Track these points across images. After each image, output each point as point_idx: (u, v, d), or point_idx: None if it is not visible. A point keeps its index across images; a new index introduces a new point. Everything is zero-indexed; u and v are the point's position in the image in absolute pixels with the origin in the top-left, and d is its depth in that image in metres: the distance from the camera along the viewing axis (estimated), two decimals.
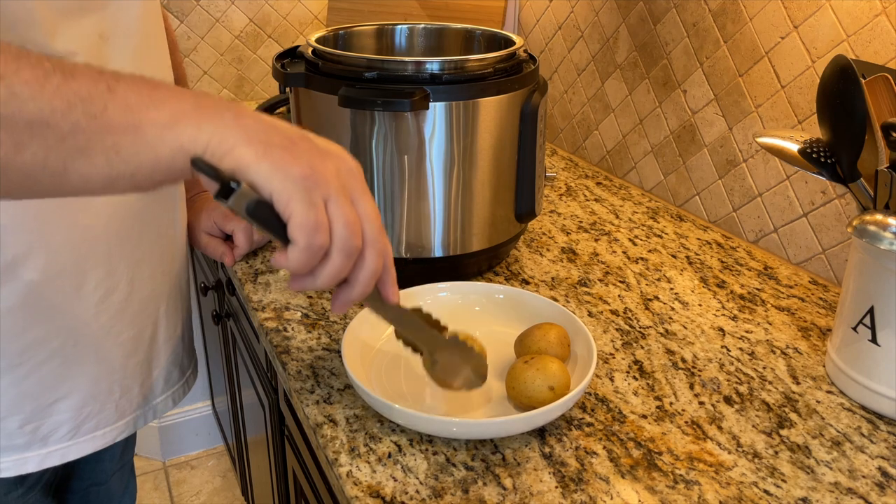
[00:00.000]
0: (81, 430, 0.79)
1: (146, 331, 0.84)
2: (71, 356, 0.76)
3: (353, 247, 0.53)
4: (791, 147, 0.80)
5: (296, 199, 0.50)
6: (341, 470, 0.65)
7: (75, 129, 0.46)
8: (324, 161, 0.52)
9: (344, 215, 0.52)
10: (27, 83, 0.45)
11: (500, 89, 0.85)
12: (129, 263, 0.79)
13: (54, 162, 0.46)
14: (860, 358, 0.74)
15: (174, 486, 1.91)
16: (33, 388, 0.75)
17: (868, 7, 0.88)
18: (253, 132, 0.50)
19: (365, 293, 0.57)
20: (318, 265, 0.53)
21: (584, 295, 0.94)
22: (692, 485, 0.64)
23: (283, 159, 0.50)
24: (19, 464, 0.76)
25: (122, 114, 0.47)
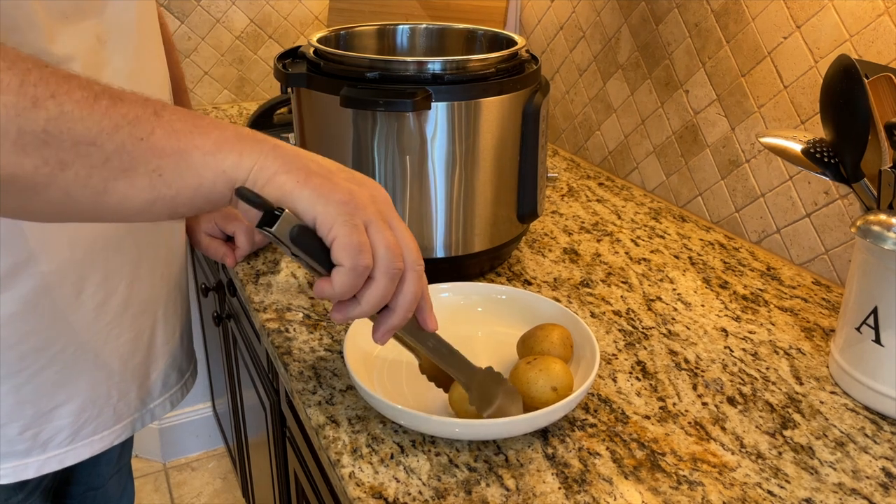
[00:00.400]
0: (80, 434, 0.79)
1: (144, 334, 0.84)
2: (70, 362, 0.76)
3: (396, 268, 0.54)
4: (794, 147, 0.80)
5: (339, 223, 0.51)
6: (344, 471, 0.65)
7: (120, 151, 0.47)
8: (360, 188, 0.54)
9: (385, 238, 0.54)
10: (77, 103, 0.45)
11: (502, 89, 0.85)
12: (128, 267, 0.79)
13: (96, 182, 0.47)
14: (864, 358, 0.74)
15: (174, 488, 1.90)
16: (33, 394, 0.74)
17: (871, 7, 0.88)
18: (292, 161, 0.52)
19: (406, 318, 0.57)
20: (362, 290, 0.54)
21: (587, 296, 0.94)
22: (696, 486, 0.64)
23: (324, 186, 0.52)
24: (19, 470, 0.76)
25: (167, 138, 0.48)
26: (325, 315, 0.88)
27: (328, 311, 0.88)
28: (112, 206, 0.49)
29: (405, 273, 0.55)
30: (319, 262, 0.52)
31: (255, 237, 0.99)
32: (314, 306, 0.89)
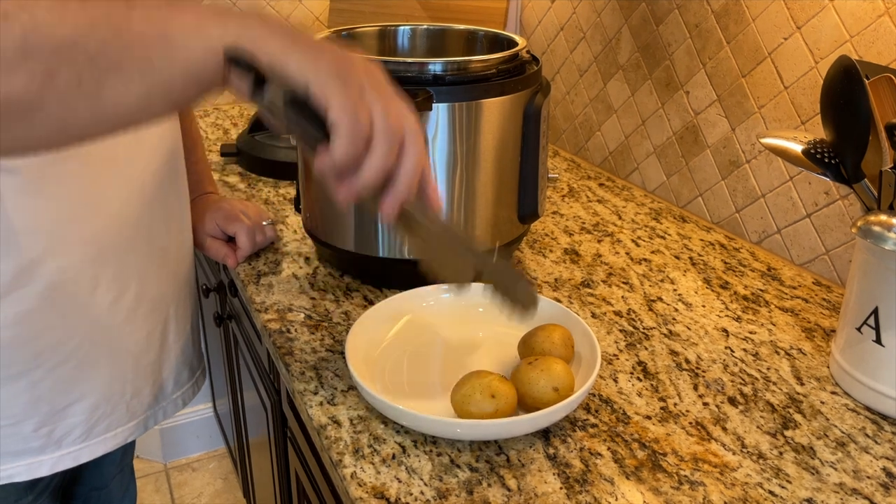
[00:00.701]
0: (94, 431, 0.79)
1: (156, 331, 0.84)
2: (85, 359, 0.76)
3: (396, 132, 0.51)
4: (795, 148, 0.80)
5: (332, 85, 0.49)
6: (346, 471, 0.65)
7: (104, 47, 0.45)
8: (350, 56, 0.52)
9: (381, 100, 0.51)
10: (48, 10, 0.44)
11: (502, 90, 0.85)
12: (139, 265, 0.80)
13: (88, 84, 0.45)
14: (864, 359, 0.74)
15: (175, 489, 1.91)
16: (48, 391, 0.75)
17: (871, 8, 0.88)
18: (278, 29, 0.50)
19: (411, 190, 0.54)
20: (364, 158, 0.51)
21: (588, 296, 0.94)
22: (697, 486, 0.64)
23: (312, 51, 0.49)
24: (33, 467, 0.76)
25: (146, 25, 0.47)
26: (326, 315, 0.88)
27: (330, 312, 0.88)
28: (110, 108, 0.47)
29: (405, 139, 0.52)
30: (315, 130, 0.49)
31: (256, 237, 0.99)
32: (315, 307, 0.90)
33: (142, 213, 0.78)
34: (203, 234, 0.98)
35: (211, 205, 0.99)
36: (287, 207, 1.17)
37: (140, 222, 0.78)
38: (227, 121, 1.64)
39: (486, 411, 0.66)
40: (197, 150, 1.03)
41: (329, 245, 0.94)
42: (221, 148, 1.35)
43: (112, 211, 0.75)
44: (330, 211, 0.92)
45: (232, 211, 0.98)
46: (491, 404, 0.66)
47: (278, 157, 1.28)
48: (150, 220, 0.80)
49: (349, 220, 0.90)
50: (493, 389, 0.67)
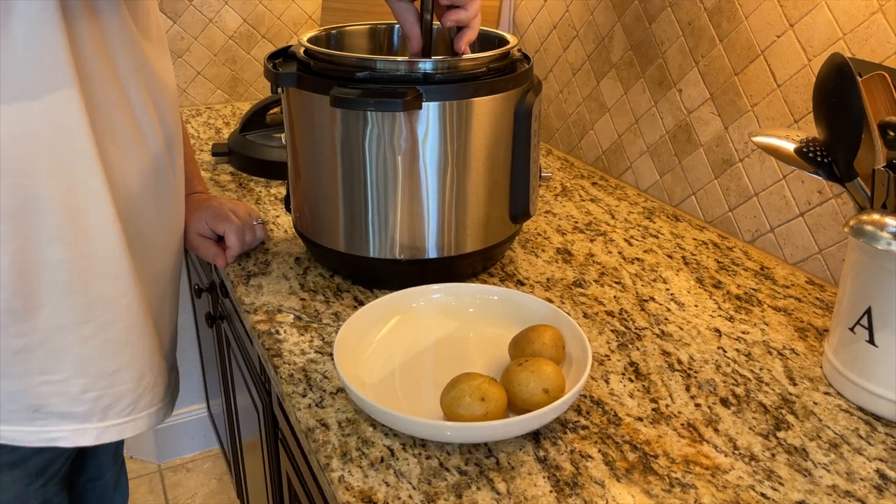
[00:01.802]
0: (139, 405, 0.79)
1: (167, 326, 0.88)
2: (134, 323, 0.75)
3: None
4: (787, 146, 0.79)
5: None
6: (333, 475, 0.64)
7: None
8: None
9: None
10: None
11: (493, 89, 0.84)
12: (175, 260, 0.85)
13: None
14: (858, 359, 0.74)
15: (169, 489, 1.90)
16: (97, 351, 0.73)
17: (864, 5, 0.88)
18: None
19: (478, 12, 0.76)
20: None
21: (580, 296, 0.94)
22: (688, 488, 0.63)
23: None
24: (78, 434, 0.75)
25: None
26: (316, 317, 0.87)
27: (320, 313, 0.87)
28: None
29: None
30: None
31: (245, 237, 0.98)
32: (305, 308, 0.89)
33: (133, 218, 0.79)
34: (193, 234, 0.97)
35: (200, 204, 0.98)
36: (278, 207, 1.16)
37: (129, 224, 0.78)
38: (220, 120, 1.63)
39: (475, 414, 0.65)
40: (185, 148, 1.02)
41: (319, 245, 0.93)
42: (213, 147, 1.34)
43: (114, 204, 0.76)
44: (320, 211, 0.91)
45: (222, 210, 0.97)
46: (481, 407, 0.65)
47: (269, 156, 1.27)
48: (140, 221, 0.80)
49: (339, 221, 0.89)
50: (482, 392, 0.66)
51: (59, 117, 0.67)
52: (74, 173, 0.69)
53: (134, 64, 0.75)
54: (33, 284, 0.70)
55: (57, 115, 0.67)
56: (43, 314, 0.71)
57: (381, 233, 0.88)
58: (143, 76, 0.77)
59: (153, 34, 0.80)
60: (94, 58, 0.70)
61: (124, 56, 0.74)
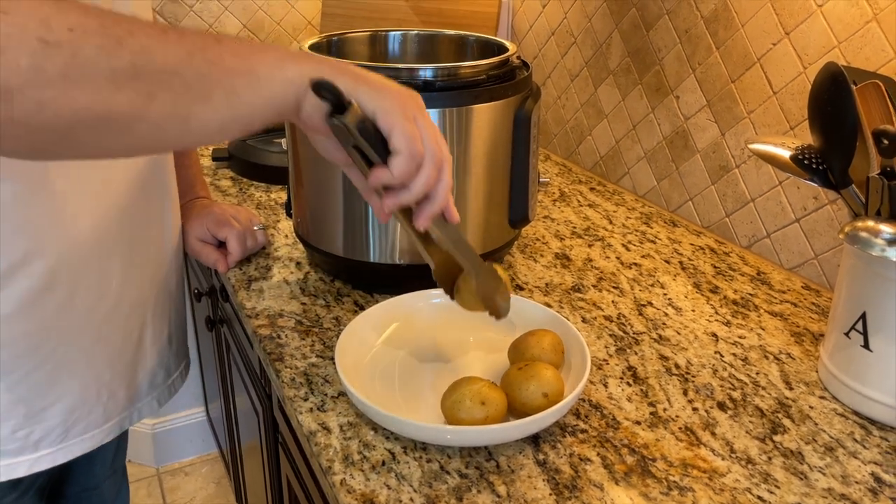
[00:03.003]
0: (70, 433, 0.79)
1: (133, 334, 0.84)
2: (62, 361, 0.76)
3: (441, 158, 0.61)
4: (783, 154, 0.80)
5: (396, 114, 0.58)
6: (335, 478, 0.65)
7: (198, 76, 0.51)
8: (404, 90, 0.61)
9: (430, 131, 0.60)
10: (152, 38, 0.49)
11: (493, 96, 0.85)
12: (120, 268, 0.80)
13: (181, 107, 0.51)
14: (853, 363, 0.75)
15: (168, 493, 1.90)
16: (26, 393, 0.75)
17: (859, 13, 0.89)
18: (346, 69, 0.59)
19: (444, 204, 0.63)
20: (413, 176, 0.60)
21: (578, 301, 0.95)
22: (686, 491, 0.64)
23: (377, 84, 0.59)
24: (10, 469, 0.76)
25: (234, 59, 0.53)
26: (317, 321, 0.88)
27: (321, 317, 0.88)
28: (196, 129, 0.53)
29: (442, 164, 0.62)
30: (377, 150, 0.59)
31: (247, 242, 0.99)
32: (306, 312, 0.90)
33: (122, 219, 0.79)
34: (193, 239, 0.98)
35: (202, 209, 0.99)
36: (278, 212, 1.17)
37: (121, 228, 0.79)
38: None
39: (476, 418, 0.66)
40: (189, 154, 1.03)
41: (320, 250, 0.94)
42: (213, 152, 1.35)
43: (95, 214, 0.75)
44: (321, 216, 0.92)
45: (223, 215, 0.98)
46: (481, 411, 0.66)
47: (270, 161, 1.28)
48: (130, 226, 0.80)
49: (340, 225, 0.90)
50: (483, 396, 0.67)
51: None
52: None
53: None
54: None
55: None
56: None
57: (382, 238, 0.88)
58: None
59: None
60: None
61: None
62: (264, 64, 0.55)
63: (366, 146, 0.58)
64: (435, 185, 0.62)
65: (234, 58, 0.53)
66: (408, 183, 0.60)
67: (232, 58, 0.53)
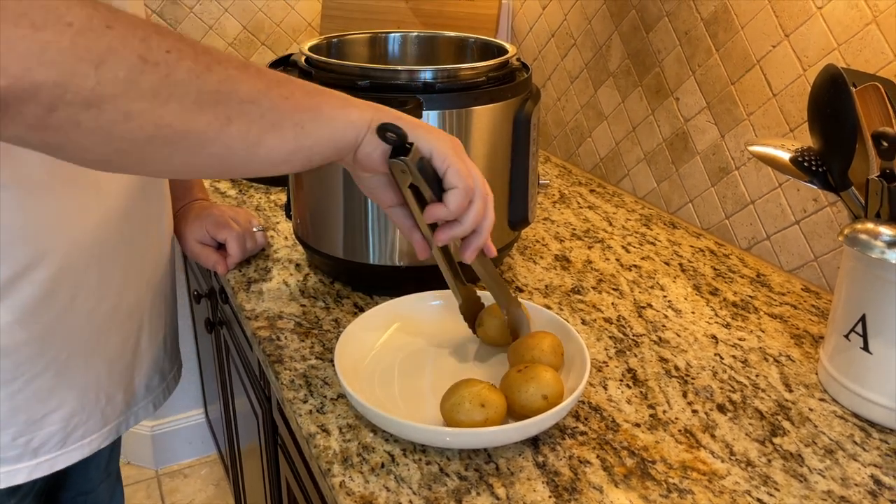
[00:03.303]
0: (70, 439, 0.79)
1: (131, 338, 0.84)
2: (62, 368, 0.76)
3: (487, 196, 0.67)
4: (782, 156, 0.80)
5: (450, 154, 0.64)
6: (334, 480, 0.65)
7: (273, 108, 0.55)
8: (447, 134, 0.67)
9: (475, 168, 0.66)
10: (237, 69, 0.53)
11: (492, 98, 0.85)
12: (119, 273, 0.80)
13: (253, 135, 0.55)
14: (852, 366, 0.75)
15: (167, 495, 1.90)
16: (26, 401, 0.75)
17: (859, 16, 0.89)
18: (396, 114, 0.64)
19: (486, 240, 0.69)
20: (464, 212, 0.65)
21: (578, 303, 0.95)
22: (686, 493, 0.64)
23: (429, 128, 0.65)
24: (10, 475, 0.76)
25: (305, 98, 0.58)
26: (316, 323, 0.88)
27: (320, 319, 0.88)
28: (261, 157, 0.56)
29: (488, 201, 0.67)
30: (432, 187, 0.64)
31: (246, 245, 0.99)
32: (305, 314, 0.89)
33: (122, 221, 0.79)
34: (193, 241, 0.98)
35: (201, 211, 0.99)
36: (278, 214, 1.17)
37: (121, 230, 0.79)
38: None
39: (475, 420, 0.66)
40: None
41: (319, 252, 0.94)
42: None
43: (94, 219, 0.75)
44: (320, 218, 0.92)
45: (222, 217, 0.98)
46: (481, 413, 0.66)
47: None
48: (130, 228, 0.80)
49: (339, 227, 0.90)
50: (482, 398, 0.67)
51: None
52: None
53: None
54: None
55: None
56: None
57: (381, 239, 0.88)
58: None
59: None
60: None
61: None
62: (330, 105, 0.60)
63: (423, 184, 0.63)
64: (482, 220, 0.67)
65: (305, 96, 0.58)
66: (460, 217, 0.66)
67: (302, 96, 0.58)
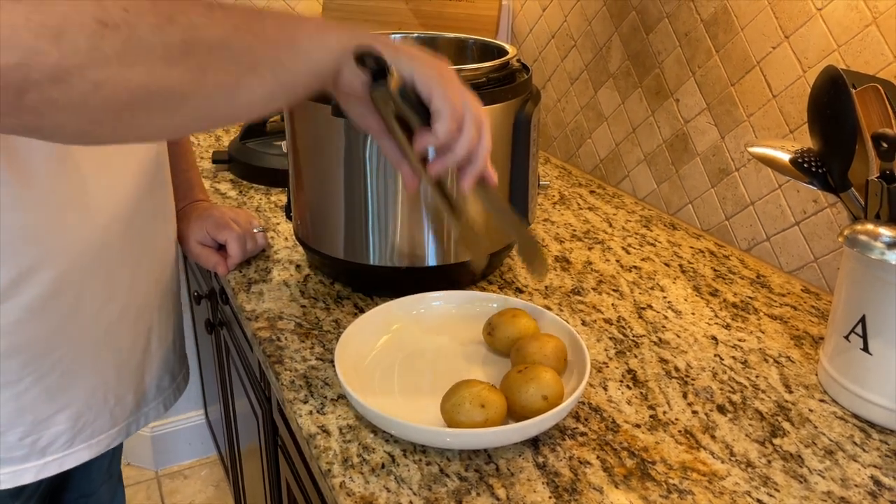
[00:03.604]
0: (77, 439, 0.79)
1: (140, 339, 0.84)
2: (69, 368, 0.76)
3: (480, 120, 0.63)
4: (782, 157, 0.80)
5: (434, 79, 0.60)
6: (334, 481, 0.65)
7: (246, 49, 0.53)
8: (437, 58, 0.63)
9: (466, 91, 0.62)
10: (201, 15, 0.51)
11: (493, 99, 0.85)
12: (126, 273, 0.80)
13: (231, 80, 0.52)
14: (852, 366, 0.75)
15: (167, 496, 1.90)
16: (33, 401, 0.75)
17: (858, 17, 0.89)
18: (380, 38, 0.61)
19: (484, 167, 0.64)
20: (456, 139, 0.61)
21: (578, 304, 0.95)
22: (686, 494, 0.64)
23: (413, 52, 0.61)
24: (17, 475, 0.76)
25: (277, 32, 0.55)
26: (317, 324, 0.88)
27: (321, 320, 0.88)
28: (244, 101, 0.54)
29: (482, 125, 0.63)
30: (419, 114, 0.60)
31: (247, 245, 0.99)
32: (306, 315, 0.89)
33: (129, 222, 0.79)
34: (193, 242, 0.98)
35: (201, 212, 0.99)
36: (278, 215, 1.17)
37: (128, 231, 0.79)
38: (219, 128, 1.64)
39: (475, 421, 0.66)
40: (188, 157, 1.03)
41: (320, 252, 0.94)
42: (213, 155, 1.35)
43: (101, 220, 0.75)
44: (321, 218, 0.92)
45: (222, 218, 0.98)
46: (481, 414, 0.66)
47: (270, 164, 1.28)
48: (137, 229, 0.80)
49: (340, 228, 0.90)
50: (482, 399, 0.67)
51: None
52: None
53: None
54: None
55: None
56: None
57: (382, 240, 0.88)
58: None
59: None
60: None
61: None
62: (305, 34, 0.57)
63: (408, 111, 0.60)
64: (476, 146, 0.63)
65: (277, 30, 0.55)
66: (451, 144, 0.61)
67: (275, 30, 0.55)
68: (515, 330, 0.78)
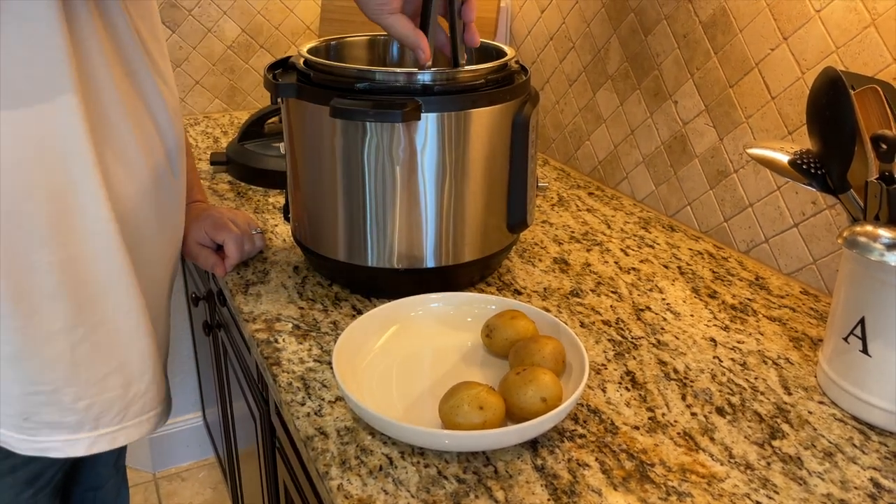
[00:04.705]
0: (129, 412, 0.79)
1: (166, 335, 0.87)
2: (122, 323, 0.76)
3: None
4: (781, 158, 0.80)
5: None
6: (332, 483, 0.65)
7: None
8: None
9: None
10: None
11: (491, 100, 0.85)
12: (158, 253, 0.84)
13: None
14: (851, 368, 0.74)
15: (165, 499, 1.89)
16: (87, 355, 0.74)
17: (857, 19, 0.89)
18: None
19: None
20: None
21: (576, 305, 0.94)
22: (684, 496, 0.64)
23: None
24: (69, 445, 0.75)
25: None
26: (314, 325, 0.88)
27: (318, 321, 0.88)
28: None
29: None
30: None
31: (244, 246, 0.99)
32: (303, 316, 0.89)
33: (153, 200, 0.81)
34: (192, 242, 0.98)
35: (200, 213, 0.99)
36: (276, 216, 1.17)
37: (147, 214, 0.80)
38: (217, 129, 1.64)
39: (474, 423, 0.66)
40: (186, 158, 1.03)
41: (318, 254, 0.94)
42: (211, 156, 1.35)
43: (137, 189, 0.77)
44: (319, 220, 0.92)
45: (220, 219, 0.98)
46: (479, 416, 0.66)
47: (268, 165, 1.28)
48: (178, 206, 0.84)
49: (338, 230, 0.90)
50: (481, 401, 0.66)
51: (53, 117, 0.67)
52: (67, 174, 0.69)
53: (139, 65, 0.75)
54: (24, 287, 0.70)
55: (50, 115, 0.66)
56: (34, 321, 0.71)
57: (380, 242, 0.88)
58: (147, 77, 0.77)
59: (160, 35, 0.80)
60: (97, 57, 0.69)
61: (128, 56, 0.74)
62: None
63: None
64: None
65: None
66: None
67: None
68: (514, 332, 0.78)
